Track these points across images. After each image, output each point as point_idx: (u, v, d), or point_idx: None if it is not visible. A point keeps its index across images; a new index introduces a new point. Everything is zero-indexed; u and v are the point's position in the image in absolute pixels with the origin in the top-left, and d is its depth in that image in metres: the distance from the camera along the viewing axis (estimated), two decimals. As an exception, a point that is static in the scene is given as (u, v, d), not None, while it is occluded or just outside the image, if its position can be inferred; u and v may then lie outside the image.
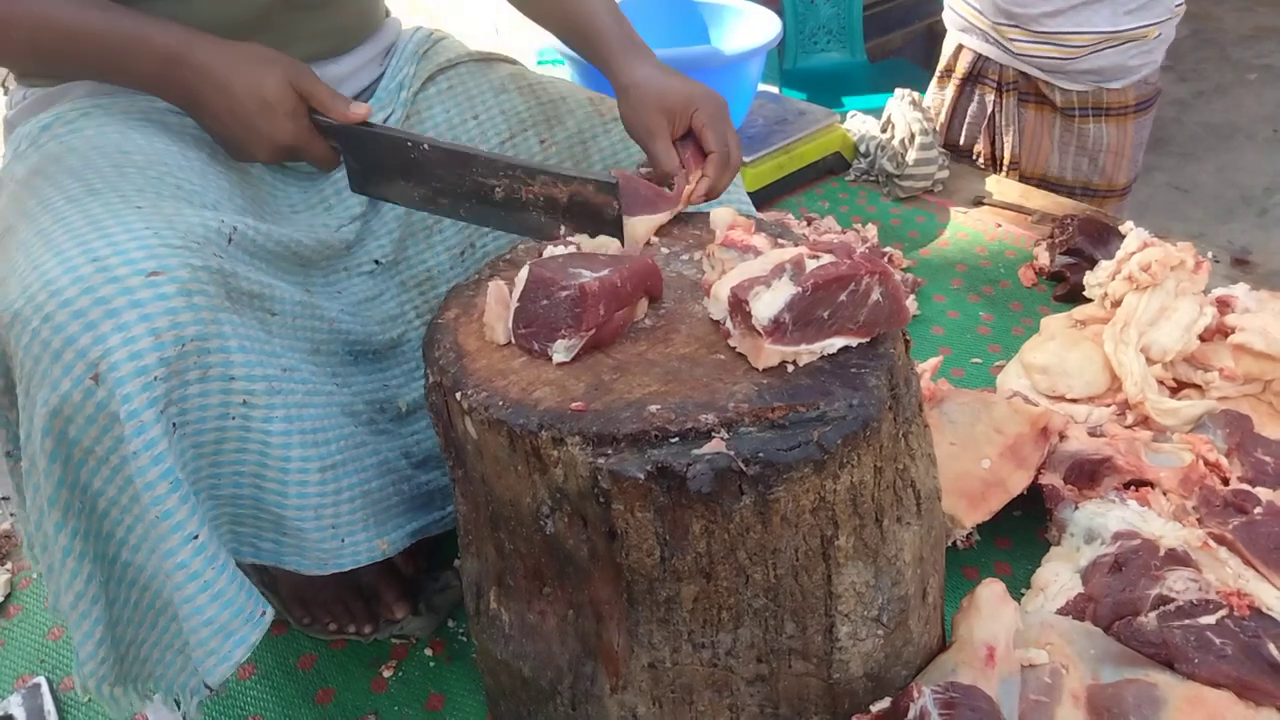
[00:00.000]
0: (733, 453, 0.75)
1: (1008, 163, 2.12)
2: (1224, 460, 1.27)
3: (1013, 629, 0.96)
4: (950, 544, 1.21)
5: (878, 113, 2.20)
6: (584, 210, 0.99)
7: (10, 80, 1.12)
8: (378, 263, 1.15)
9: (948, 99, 2.15)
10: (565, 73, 2.12)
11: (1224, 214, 3.29)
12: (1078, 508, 1.20)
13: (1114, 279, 1.51)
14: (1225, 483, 1.24)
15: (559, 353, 0.84)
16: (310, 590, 1.20)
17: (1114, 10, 1.83)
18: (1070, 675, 0.95)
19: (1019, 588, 1.19)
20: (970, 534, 1.24)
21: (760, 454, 0.75)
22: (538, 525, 0.83)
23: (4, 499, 1.55)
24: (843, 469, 0.79)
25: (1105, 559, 1.12)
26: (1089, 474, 1.26)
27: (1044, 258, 1.84)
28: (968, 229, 2.03)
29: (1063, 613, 1.08)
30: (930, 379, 1.39)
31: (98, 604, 0.88)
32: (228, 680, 1.18)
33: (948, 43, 2.15)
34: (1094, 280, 1.57)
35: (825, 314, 0.81)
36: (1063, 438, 1.30)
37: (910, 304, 1.73)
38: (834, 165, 2.22)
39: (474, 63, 1.26)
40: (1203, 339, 1.44)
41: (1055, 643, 0.98)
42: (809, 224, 1.94)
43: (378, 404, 1.11)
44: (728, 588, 0.81)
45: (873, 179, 2.19)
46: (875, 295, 0.82)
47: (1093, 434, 1.33)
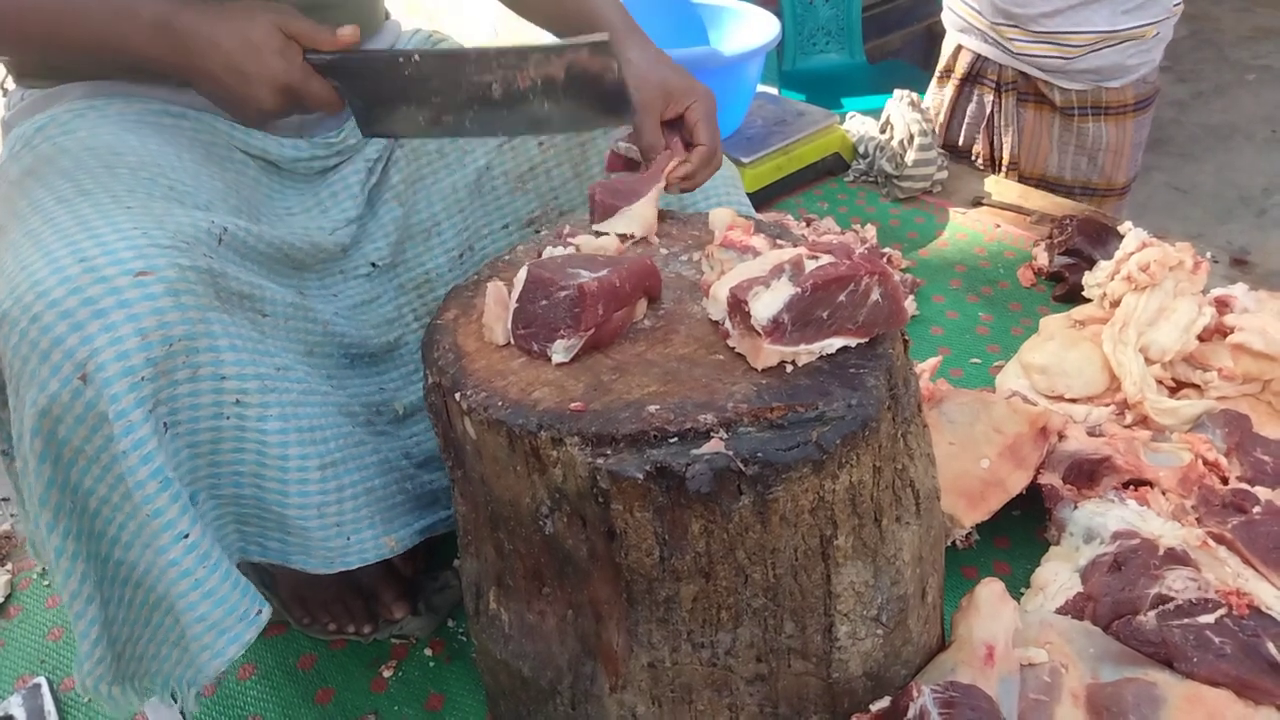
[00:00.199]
0: (732, 453, 0.75)
1: (1007, 163, 2.12)
2: (1223, 460, 1.27)
3: (1012, 628, 0.96)
4: (949, 543, 1.21)
5: (876, 114, 2.21)
6: (584, 81, 0.97)
7: (9, 82, 1.12)
8: (374, 265, 1.15)
9: (946, 99, 2.15)
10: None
11: (1223, 214, 3.30)
12: (1077, 507, 1.20)
13: (1113, 279, 1.51)
14: (1224, 482, 1.24)
15: (558, 353, 0.84)
16: (310, 590, 1.20)
17: (1112, 10, 1.84)
18: (1069, 674, 0.95)
19: (1018, 587, 1.19)
20: (969, 533, 1.24)
21: (759, 454, 0.75)
22: (537, 525, 0.83)
23: (4, 500, 1.55)
24: (842, 469, 0.79)
25: (1104, 558, 1.12)
26: (1088, 473, 1.26)
27: (1043, 258, 1.84)
28: (967, 229, 2.03)
29: (1062, 612, 1.09)
30: (929, 379, 1.40)
31: (92, 604, 0.88)
32: (228, 680, 1.19)
33: (946, 43, 2.15)
34: (1093, 280, 1.57)
35: (824, 314, 0.81)
36: (1062, 437, 1.30)
37: (909, 304, 1.73)
38: (833, 166, 2.22)
39: (473, 64, 1.26)
40: (1201, 339, 1.44)
41: (1054, 642, 0.99)
42: (808, 225, 1.94)
43: (374, 407, 1.10)
44: (727, 587, 0.81)
45: (872, 180, 2.19)
46: (874, 296, 0.82)
47: (1092, 434, 1.34)
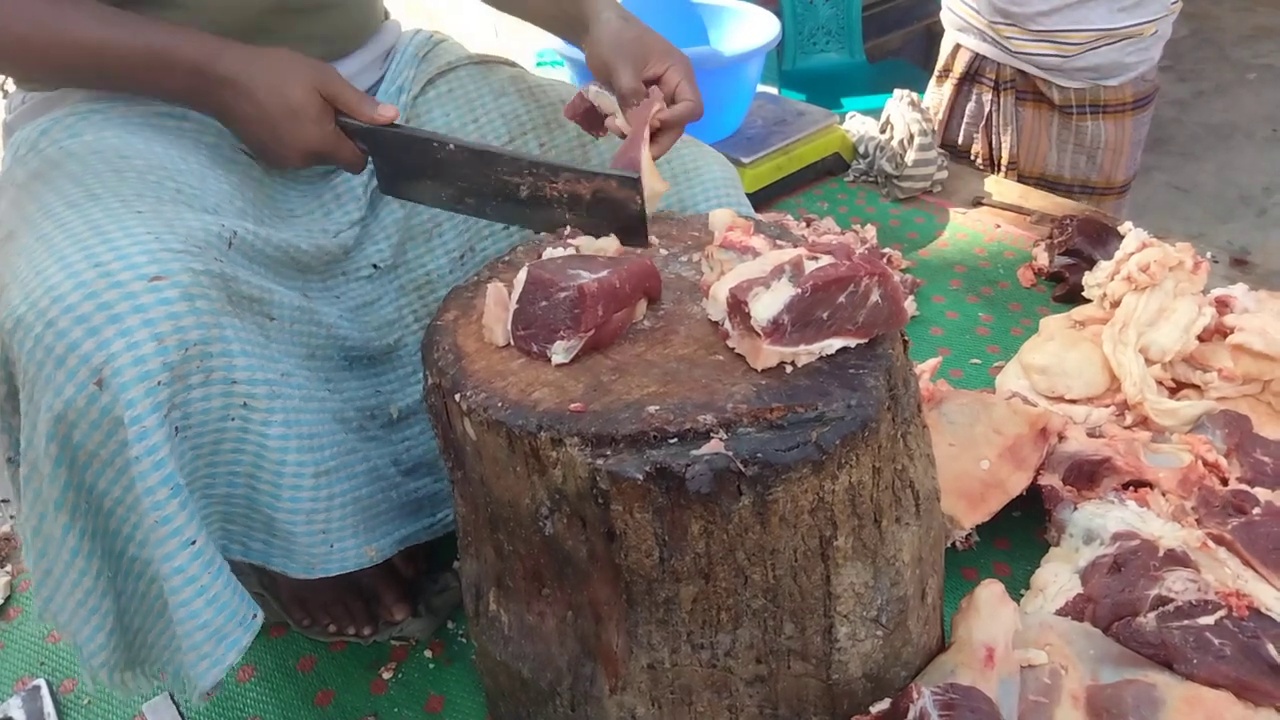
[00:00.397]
0: (731, 453, 0.75)
1: (1006, 162, 2.12)
2: (1223, 461, 1.27)
3: (1012, 630, 0.96)
4: (949, 545, 1.21)
5: (876, 113, 2.20)
6: (607, 205, 1.00)
7: (9, 84, 1.12)
8: (376, 267, 1.15)
9: (945, 98, 2.15)
10: (565, 75, 2.12)
11: (1223, 214, 3.30)
12: (1077, 508, 1.20)
13: (1113, 279, 1.51)
14: (1224, 483, 1.24)
15: (558, 354, 0.84)
16: (310, 592, 1.20)
17: (1110, 7, 1.84)
18: (1069, 676, 0.95)
19: (1018, 588, 1.19)
20: (969, 535, 1.24)
21: (759, 454, 0.75)
22: (537, 526, 0.83)
23: (4, 501, 1.55)
24: (841, 470, 0.79)
25: (1104, 560, 1.12)
26: (1088, 475, 1.26)
27: (1043, 258, 1.84)
28: (967, 230, 2.03)
29: (1062, 613, 1.08)
30: (929, 380, 1.39)
31: (107, 597, 0.88)
32: (228, 681, 1.19)
33: (945, 42, 2.15)
34: (1093, 281, 1.57)
35: (824, 315, 0.81)
36: (1062, 438, 1.30)
37: (909, 305, 1.73)
38: (833, 166, 2.22)
39: (474, 66, 1.26)
40: (1201, 339, 1.44)
41: (1054, 643, 0.98)
42: (808, 225, 1.94)
43: (368, 410, 1.11)
44: (726, 588, 0.81)
45: (872, 180, 2.19)
46: (874, 296, 0.82)
47: (1092, 435, 1.33)
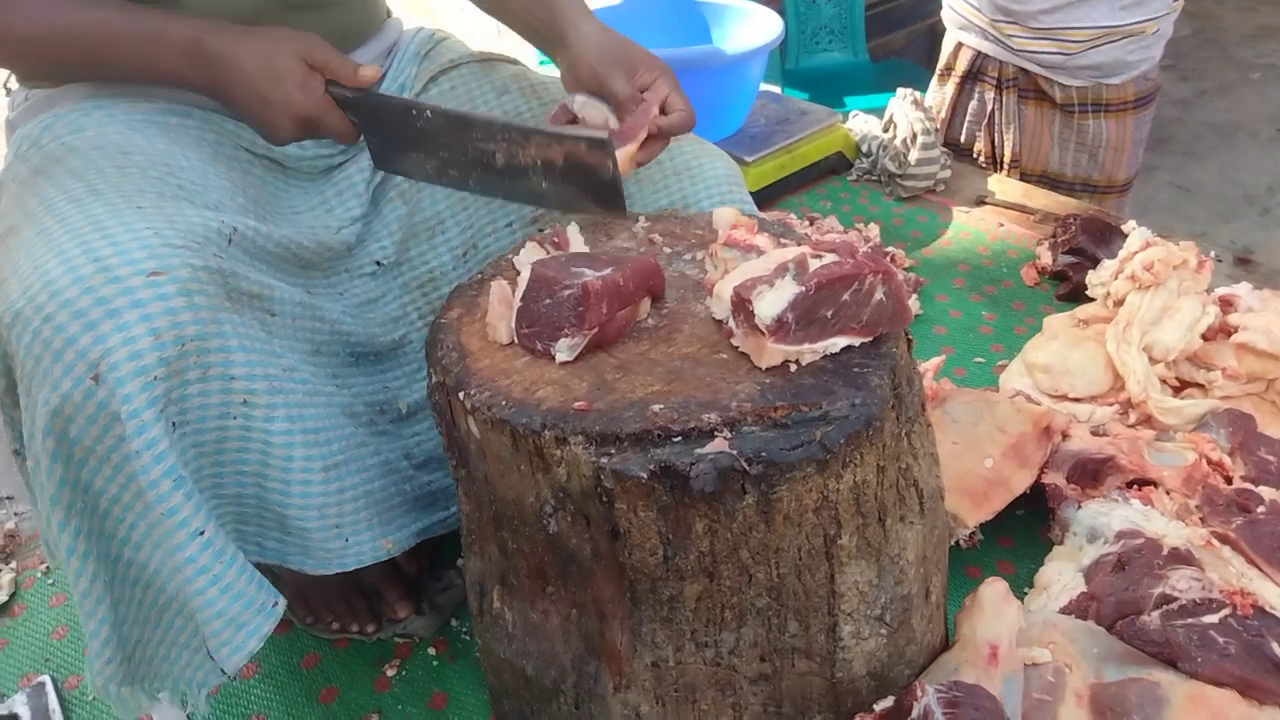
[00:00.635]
0: (735, 452, 0.75)
1: (1008, 160, 2.12)
2: (1227, 459, 1.27)
3: (1016, 628, 0.96)
4: (953, 543, 1.20)
5: (880, 112, 2.20)
6: (580, 171, 1.00)
7: (12, 81, 1.12)
8: (379, 264, 1.15)
9: (948, 97, 2.15)
10: (567, 73, 2.12)
11: (1227, 213, 3.29)
12: (1081, 507, 1.20)
13: (1117, 278, 1.51)
14: (1228, 482, 1.24)
15: (562, 352, 0.84)
16: (314, 589, 1.20)
17: (1111, 5, 1.83)
18: (1073, 674, 0.95)
19: (1022, 587, 1.19)
20: (973, 533, 1.24)
21: (763, 453, 0.75)
22: (541, 524, 0.83)
23: (7, 498, 1.55)
24: (845, 468, 0.79)
25: (1108, 558, 1.12)
26: (1092, 473, 1.26)
27: (1046, 257, 1.84)
28: (970, 228, 2.02)
29: (1066, 612, 1.08)
30: (933, 378, 1.39)
31: (102, 604, 0.88)
32: (232, 678, 1.19)
33: (947, 41, 2.14)
34: (1097, 279, 1.57)
35: (828, 313, 0.81)
36: (1065, 437, 1.30)
37: (913, 303, 1.73)
38: (836, 165, 2.22)
39: (476, 64, 1.26)
40: (1205, 338, 1.44)
41: (1058, 642, 0.98)
42: (811, 224, 1.94)
43: (377, 406, 1.11)
44: (731, 587, 0.81)
45: (875, 179, 2.19)
46: (878, 295, 0.82)
47: (1095, 433, 1.33)
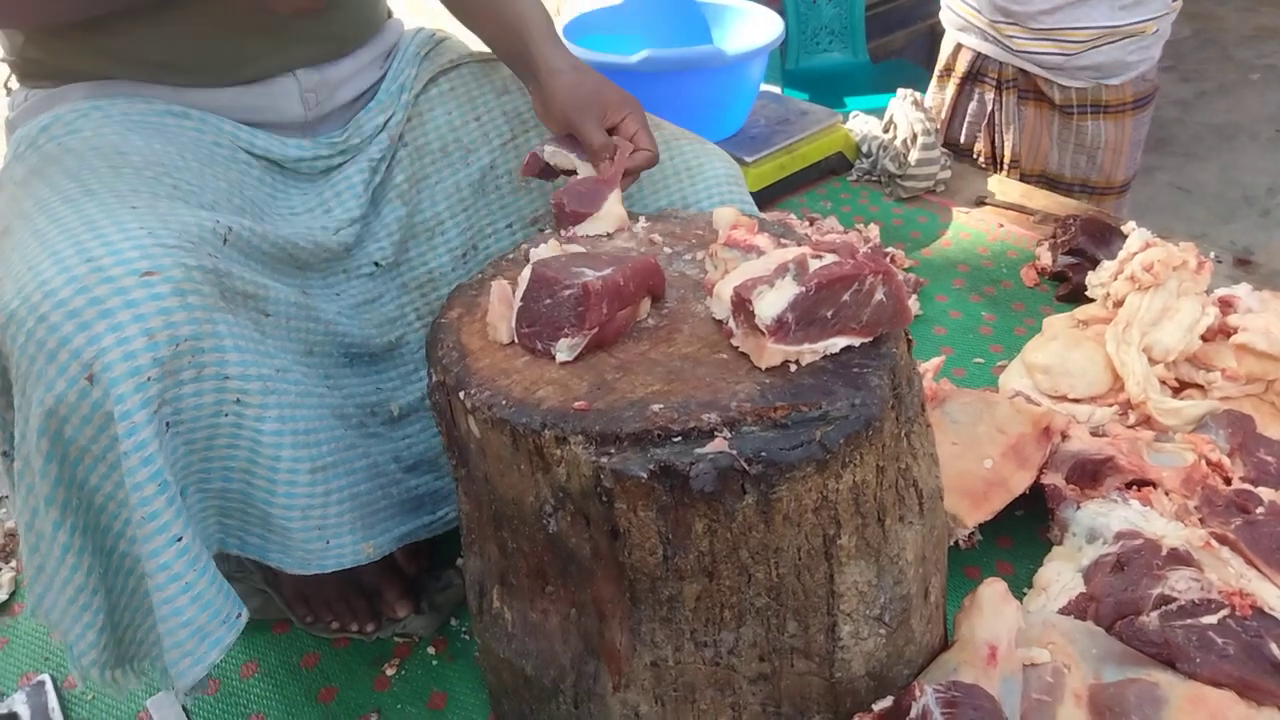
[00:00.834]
0: (735, 452, 0.75)
1: (1008, 160, 2.12)
2: (1226, 460, 1.27)
3: (1015, 628, 0.96)
4: (952, 543, 1.21)
5: (880, 113, 2.20)
6: None
7: (12, 81, 1.13)
8: (377, 265, 1.15)
9: (948, 98, 2.15)
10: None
11: (1226, 214, 3.29)
12: (1080, 507, 1.20)
13: (1116, 279, 1.51)
14: (1227, 483, 1.24)
15: (562, 352, 0.84)
16: (313, 588, 1.20)
17: (1111, 5, 1.83)
18: (1072, 674, 0.95)
19: (1021, 587, 1.19)
20: (972, 533, 1.24)
21: (763, 453, 0.75)
22: (540, 524, 0.83)
23: (7, 498, 1.55)
24: (845, 468, 0.79)
25: (1107, 559, 1.12)
26: (1091, 474, 1.26)
27: (1046, 258, 1.84)
28: (970, 229, 2.02)
29: (1065, 612, 1.09)
30: (932, 379, 1.39)
31: (98, 594, 0.88)
32: (231, 678, 1.19)
33: (946, 42, 2.15)
34: (1096, 280, 1.57)
35: (828, 314, 0.81)
36: (1065, 437, 1.30)
37: (913, 304, 1.73)
38: (836, 165, 2.22)
39: (476, 64, 1.26)
40: (1205, 339, 1.44)
41: (1057, 642, 0.99)
42: (811, 224, 1.94)
43: (369, 407, 1.10)
44: (730, 587, 0.81)
45: (875, 179, 2.19)
46: (878, 295, 0.82)
47: (1095, 434, 1.33)
